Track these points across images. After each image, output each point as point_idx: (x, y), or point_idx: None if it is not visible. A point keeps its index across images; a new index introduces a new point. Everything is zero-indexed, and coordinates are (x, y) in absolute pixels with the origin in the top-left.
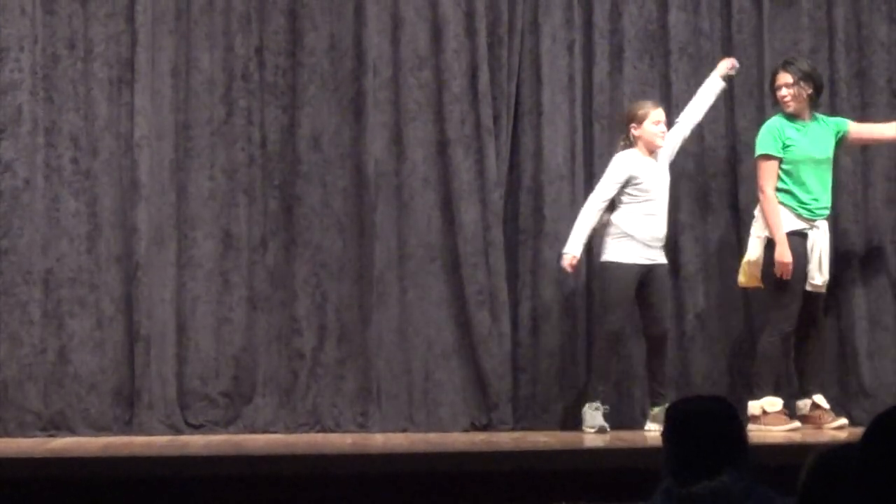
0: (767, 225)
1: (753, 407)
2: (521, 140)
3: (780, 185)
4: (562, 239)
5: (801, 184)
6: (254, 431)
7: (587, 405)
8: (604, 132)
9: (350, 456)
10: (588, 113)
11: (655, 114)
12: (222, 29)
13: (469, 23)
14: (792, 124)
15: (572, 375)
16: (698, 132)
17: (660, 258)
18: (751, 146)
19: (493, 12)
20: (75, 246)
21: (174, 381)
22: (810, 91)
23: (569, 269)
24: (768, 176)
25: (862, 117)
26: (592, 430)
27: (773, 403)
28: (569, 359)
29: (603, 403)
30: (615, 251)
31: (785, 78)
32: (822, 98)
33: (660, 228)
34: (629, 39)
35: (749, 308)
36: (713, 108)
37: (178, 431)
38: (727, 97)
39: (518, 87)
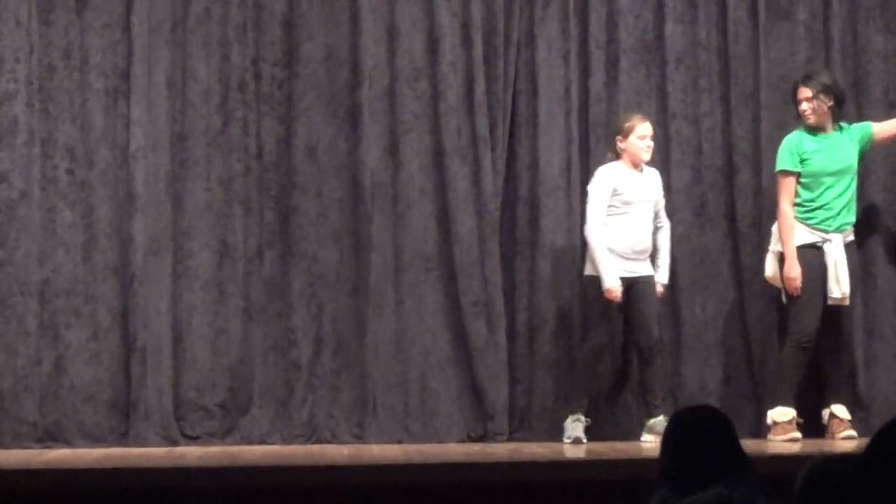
0: (780, 240)
1: (768, 417)
2: (517, 151)
3: (797, 198)
4: (558, 249)
5: (817, 197)
6: (250, 443)
7: (569, 417)
8: (600, 143)
9: (346, 467)
10: (584, 123)
11: (641, 128)
12: (218, 39)
13: (465, 34)
14: (812, 137)
15: (567, 386)
16: (696, 144)
17: (643, 270)
18: (747, 157)
19: (489, 23)
20: (71, 257)
21: (170, 392)
22: (831, 103)
23: (617, 298)
24: (784, 191)
25: None
26: (569, 441)
27: (784, 413)
28: (565, 369)
29: (585, 416)
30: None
31: (805, 92)
32: None
33: (640, 241)
34: (625, 50)
35: (745, 319)
36: (711, 118)
37: (174, 443)
38: (723, 108)
39: (514, 97)
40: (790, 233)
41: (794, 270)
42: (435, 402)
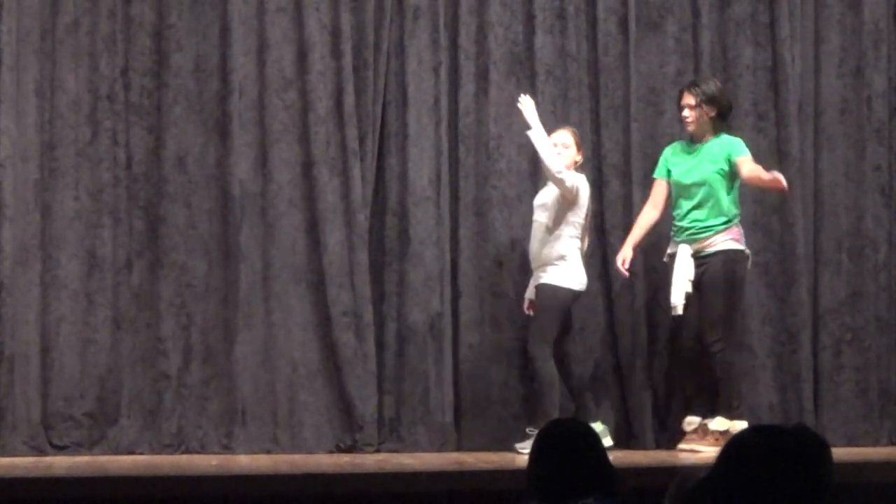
0: None
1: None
2: (386, 161)
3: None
4: (427, 260)
5: (674, 206)
6: (118, 453)
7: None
8: (469, 154)
9: (215, 477)
10: (454, 135)
11: (552, 136)
12: (88, 49)
13: (335, 44)
14: (685, 147)
15: (437, 397)
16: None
17: (537, 279)
18: (616, 168)
19: (358, 34)
20: None
21: (38, 402)
22: (713, 114)
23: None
24: (651, 194)
25: None
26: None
27: (689, 423)
28: (434, 380)
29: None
30: None
31: (688, 99)
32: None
33: (532, 250)
34: (495, 61)
35: (613, 329)
36: (580, 129)
37: (42, 452)
38: (593, 120)
39: (384, 108)
40: (635, 226)
41: (622, 253)
42: (304, 412)
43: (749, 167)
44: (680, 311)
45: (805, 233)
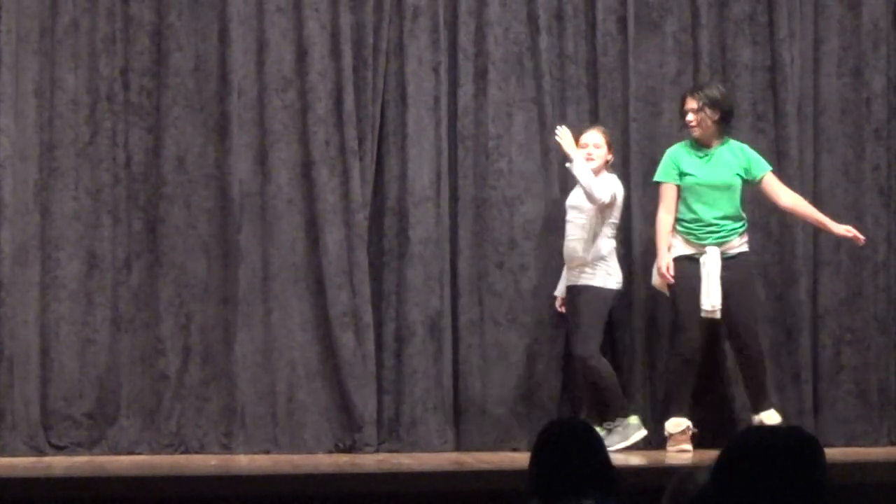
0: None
1: (665, 427)
2: (385, 161)
3: (678, 212)
4: (426, 260)
5: (692, 210)
6: (118, 453)
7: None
8: (469, 154)
9: (214, 477)
10: (453, 135)
11: (582, 138)
12: (87, 49)
13: (334, 45)
14: (693, 151)
15: (437, 397)
16: (562, 155)
17: (574, 280)
18: (616, 168)
19: (358, 34)
20: None
21: (38, 402)
22: (717, 117)
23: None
24: (661, 200)
25: None
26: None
27: (677, 424)
28: (433, 380)
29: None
30: None
31: (691, 103)
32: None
33: (566, 249)
34: (494, 61)
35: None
36: (578, 130)
37: (41, 452)
38: (592, 120)
39: (383, 108)
40: (660, 234)
41: (663, 261)
42: (303, 412)
43: (791, 198)
44: (719, 314)
45: (804, 233)
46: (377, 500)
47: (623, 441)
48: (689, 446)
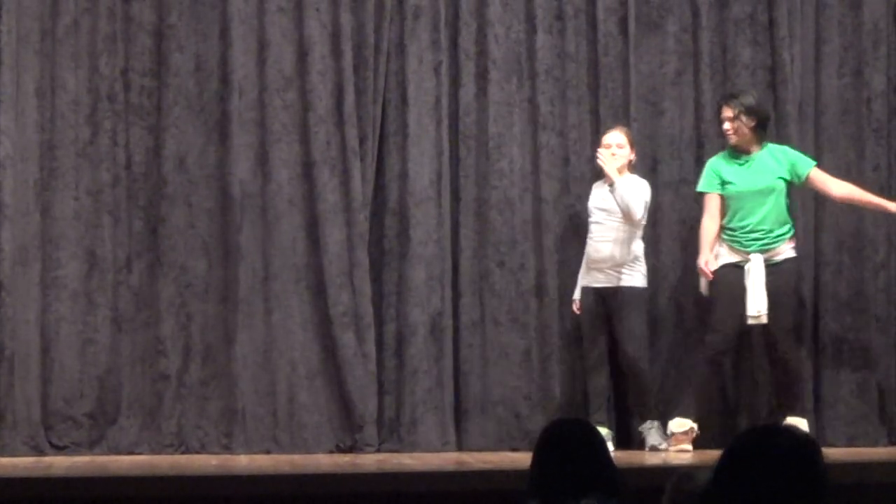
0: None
1: (668, 427)
2: (386, 161)
3: (724, 220)
4: (427, 260)
5: (736, 218)
6: (118, 453)
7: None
8: (470, 154)
9: (215, 477)
10: (454, 135)
11: (605, 138)
12: (87, 49)
13: (335, 44)
14: (733, 160)
15: (437, 397)
16: (564, 155)
17: (605, 282)
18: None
19: (358, 34)
20: None
21: (38, 402)
22: (753, 124)
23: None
24: (705, 209)
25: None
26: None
27: (681, 424)
28: (434, 380)
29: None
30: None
31: (726, 112)
32: (686, 119)
33: (597, 252)
34: (495, 61)
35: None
36: (579, 129)
37: (42, 452)
38: (592, 120)
39: (384, 108)
40: (701, 238)
41: (702, 258)
42: (303, 412)
43: (843, 188)
44: (765, 318)
45: (805, 233)
46: (377, 500)
47: (664, 441)
48: (689, 446)
